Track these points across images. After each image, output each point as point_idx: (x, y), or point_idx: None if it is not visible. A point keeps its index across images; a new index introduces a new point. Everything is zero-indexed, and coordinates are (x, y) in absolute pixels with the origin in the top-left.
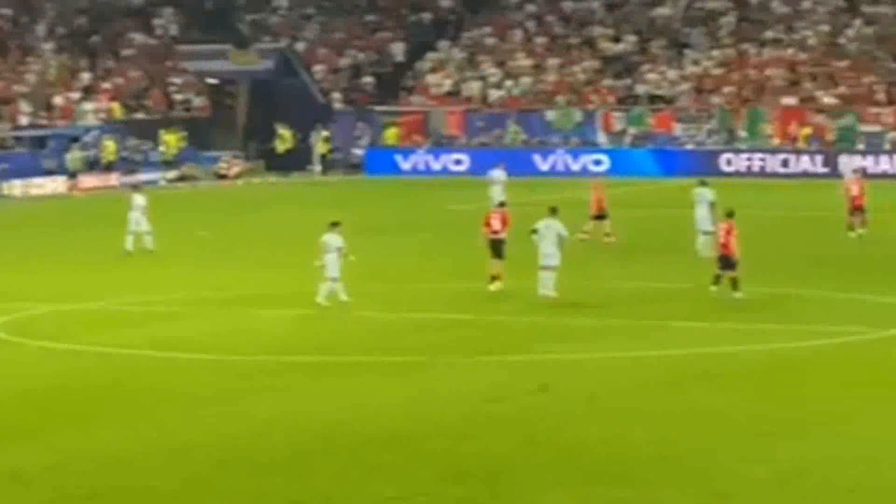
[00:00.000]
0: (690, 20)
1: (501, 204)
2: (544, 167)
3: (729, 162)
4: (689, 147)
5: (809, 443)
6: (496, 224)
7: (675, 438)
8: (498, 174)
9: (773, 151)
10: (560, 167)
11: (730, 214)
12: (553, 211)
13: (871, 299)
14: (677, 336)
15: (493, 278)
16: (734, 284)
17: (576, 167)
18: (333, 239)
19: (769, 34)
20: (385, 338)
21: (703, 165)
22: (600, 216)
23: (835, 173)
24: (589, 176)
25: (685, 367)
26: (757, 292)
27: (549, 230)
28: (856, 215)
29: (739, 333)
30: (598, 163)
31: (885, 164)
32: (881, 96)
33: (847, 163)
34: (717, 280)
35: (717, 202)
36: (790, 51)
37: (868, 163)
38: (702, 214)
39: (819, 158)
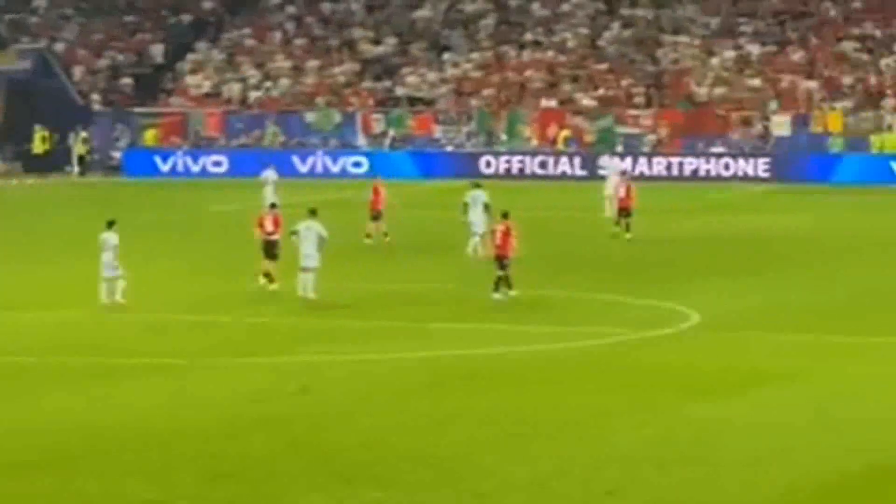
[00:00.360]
0: (450, 22)
1: (273, 205)
2: (303, 169)
3: (488, 164)
4: (449, 149)
5: (569, 443)
6: (269, 225)
7: (435, 440)
8: (270, 175)
9: (532, 153)
10: (319, 169)
11: (505, 215)
12: (313, 212)
13: (631, 301)
14: (441, 338)
15: (267, 278)
16: (501, 284)
17: (335, 169)
18: (111, 237)
19: (528, 36)
20: (148, 340)
21: (462, 167)
22: (377, 216)
23: (593, 175)
24: (370, 177)
25: (447, 369)
26: (521, 294)
27: (310, 231)
28: (622, 217)
29: (503, 335)
30: (357, 164)
31: (643, 166)
32: (639, 99)
33: (608, 164)
34: (499, 284)
35: (491, 204)
36: (549, 53)
37: (626, 165)
38: (475, 216)
39: (577, 160)
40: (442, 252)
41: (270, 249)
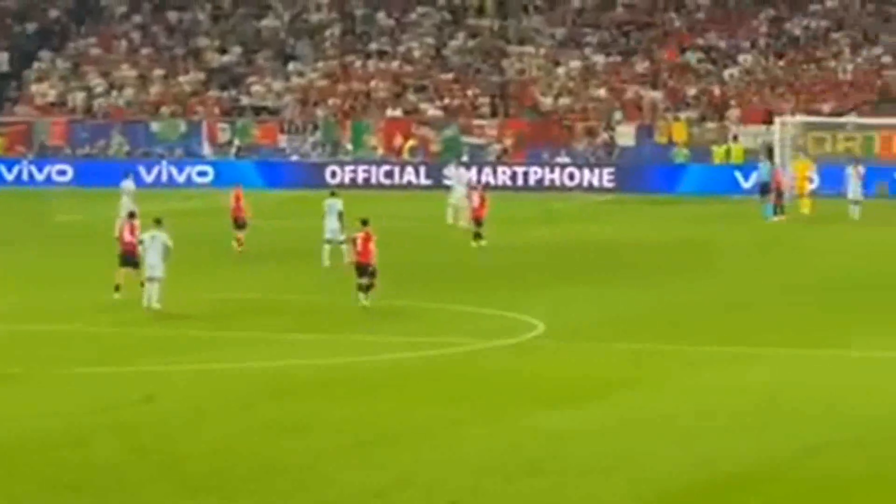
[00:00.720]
0: (296, 32)
1: (132, 214)
2: (149, 178)
3: (334, 174)
4: (294, 159)
5: (416, 453)
6: (127, 235)
7: (282, 448)
8: (128, 185)
9: (378, 163)
10: (164, 178)
11: (365, 223)
12: (158, 222)
13: (477, 311)
14: (289, 347)
15: (119, 289)
16: (367, 290)
17: (181, 178)
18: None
19: (374, 46)
20: None
21: (308, 177)
22: (241, 224)
23: (439, 185)
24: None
25: (294, 378)
26: (377, 305)
27: (155, 241)
28: (477, 226)
29: (350, 344)
30: (202, 174)
31: (488, 175)
32: (485, 109)
33: (453, 174)
34: (360, 289)
35: (344, 212)
36: (395, 63)
37: (472, 174)
38: (331, 224)
39: (423, 170)
40: (296, 261)
41: (129, 258)
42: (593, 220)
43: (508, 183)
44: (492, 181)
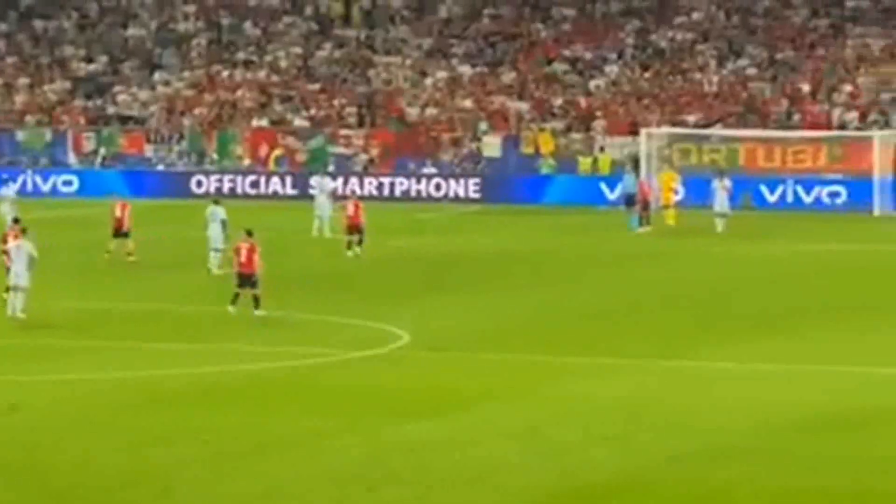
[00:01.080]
0: (162, 41)
1: (16, 220)
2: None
3: (199, 183)
4: (160, 168)
5: (279, 463)
6: (11, 242)
7: (146, 458)
8: (7, 192)
9: (244, 173)
10: (29, 187)
11: (249, 233)
12: (23, 231)
13: (342, 321)
14: (155, 357)
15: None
16: (256, 302)
17: (45, 188)
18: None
19: (241, 56)
20: None
21: (173, 187)
22: (122, 234)
23: (304, 194)
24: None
25: (159, 388)
26: (245, 313)
27: (21, 250)
28: (353, 234)
29: (216, 354)
30: (68, 183)
31: (354, 185)
32: (351, 119)
33: (319, 184)
34: (235, 299)
35: (228, 221)
36: (262, 73)
37: (338, 184)
38: (214, 232)
39: (289, 180)
40: (166, 270)
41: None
42: (459, 230)
43: (375, 193)
44: (358, 191)
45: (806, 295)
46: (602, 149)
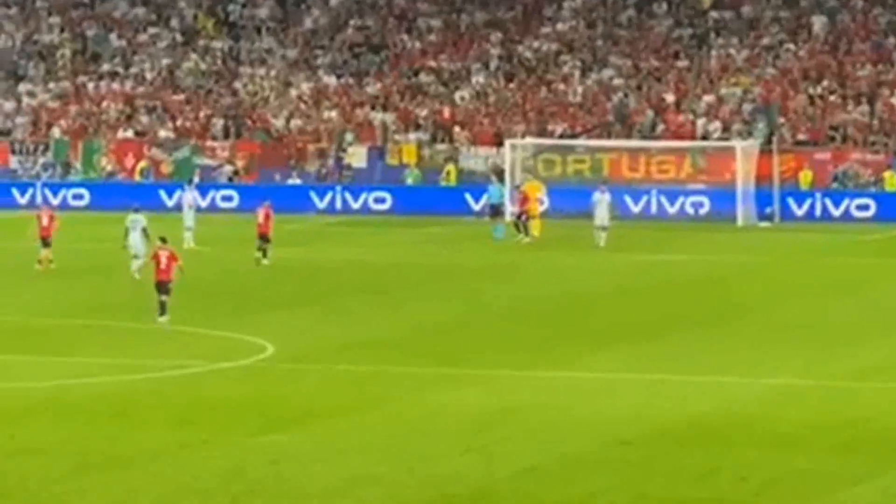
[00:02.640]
0: (27, 53)
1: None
2: None
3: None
4: (25, 179)
5: (141, 476)
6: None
7: (6, 473)
8: None
9: (108, 185)
10: None
11: (164, 240)
12: None
13: (207, 332)
14: (19, 369)
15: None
16: (162, 308)
17: None
18: None
19: (106, 67)
20: None
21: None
22: (47, 243)
23: (176, 207)
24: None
25: (21, 400)
26: (99, 324)
27: None
28: (263, 242)
29: (76, 366)
30: None
31: (220, 197)
32: (217, 130)
33: (185, 196)
34: (162, 309)
35: (149, 229)
36: (128, 84)
37: (200, 195)
38: (135, 240)
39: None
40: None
41: None
42: (324, 241)
43: (243, 205)
44: (225, 205)
45: (666, 305)
46: (455, 160)
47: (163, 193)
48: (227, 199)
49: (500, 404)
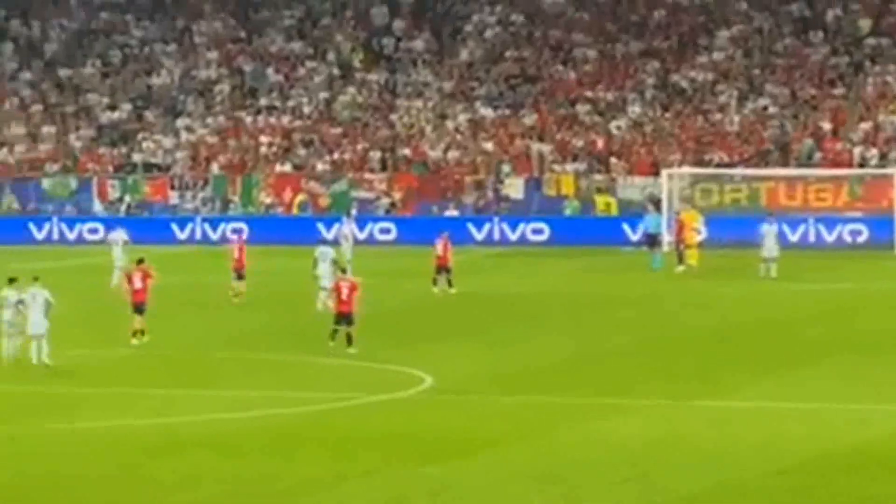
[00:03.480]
0: (186, 88)
1: (140, 260)
2: (40, 236)
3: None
4: (184, 214)
5: None
6: (137, 282)
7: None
8: (117, 237)
9: (266, 218)
10: (55, 236)
11: (343, 271)
12: (36, 279)
13: (367, 365)
14: (176, 403)
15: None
16: (349, 339)
17: (71, 236)
18: (11, 294)
19: (264, 101)
20: None
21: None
22: (241, 276)
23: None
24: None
25: (181, 434)
26: (259, 357)
27: (37, 298)
28: (442, 274)
29: (241, 400)
30: (93, 231)
31: (377, 230)
32: (374, 163)
33: (344, 231)
34: (333, 335)
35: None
36: (285, 118)
37: (358, 228)
38: (324, 270)
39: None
40: (174, 314)
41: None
42: (483, 272)
43: (399, 237)
44: (380, 236)
45: (826, 333)
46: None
47: (321, 226)
48: (385, 231)
49: (658, 433)
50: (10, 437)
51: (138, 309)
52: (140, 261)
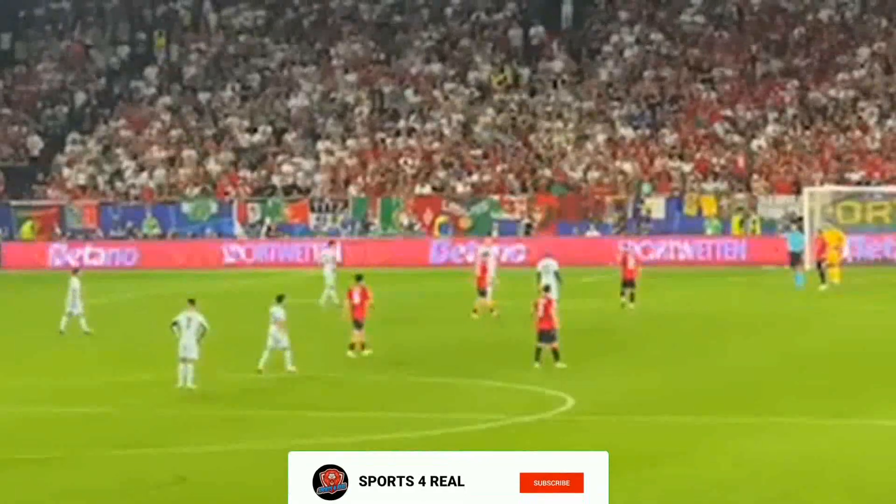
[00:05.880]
0: (325, 110)
1: (359, 277)
2: (181, 259)
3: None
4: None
5: None
6: (356, 297)
7: None
8: (329, 253)
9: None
10: (197, 260)
11: (546, 289)
12: (192, 302)
13: (506, 386)
14: (328, 425)
15: (353, 346)
16: (556, 355)
17: (213, 259)
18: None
19: (403, 123)
20: (24, 432)
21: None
22: (483, 292)
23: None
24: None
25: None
26: (394, 379)
27: (192, 322)
28: (627, 288)
29: (384, 421)
30: (234, 254)
31: (519, 250)
32: (514, 184)
33: (486, 249)
34: (538, 355)
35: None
36: (424, 140)
37: (500, 249)
38: (549, 281)
39: (456, 247)
40: (322, 338)
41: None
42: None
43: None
44: (522, 257)
45: None
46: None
47: (462, 249)
48: (524, 252)
49: (805, 452)
50: (170, 455)
51: (357, 324)
52: (359, 277)
